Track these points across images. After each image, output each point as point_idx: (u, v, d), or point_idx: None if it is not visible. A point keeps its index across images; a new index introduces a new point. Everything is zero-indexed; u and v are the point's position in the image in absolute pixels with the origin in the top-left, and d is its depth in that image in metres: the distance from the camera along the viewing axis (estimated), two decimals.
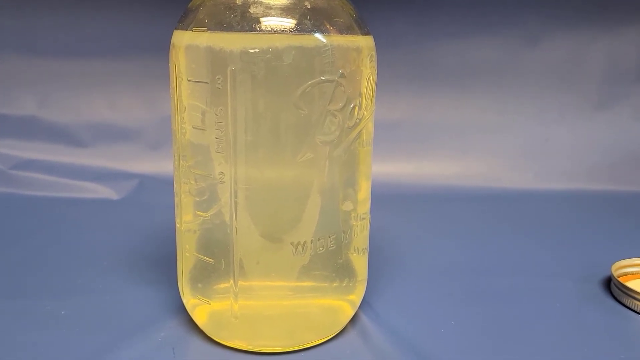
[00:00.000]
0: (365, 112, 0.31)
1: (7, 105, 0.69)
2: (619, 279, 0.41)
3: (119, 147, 0.70)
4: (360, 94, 0.31)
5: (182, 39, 0.30)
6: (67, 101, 0.70)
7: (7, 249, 0.48)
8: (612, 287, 0.42)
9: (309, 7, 0.29)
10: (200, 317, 0.34)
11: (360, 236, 0.34)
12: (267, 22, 0.28)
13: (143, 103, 0.71)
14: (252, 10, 0.28)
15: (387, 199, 0.54)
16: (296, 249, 0.31)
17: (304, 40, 0.28)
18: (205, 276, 0.32)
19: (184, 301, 0.35)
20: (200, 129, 0.30)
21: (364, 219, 0.34)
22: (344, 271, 0.33)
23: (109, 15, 0.68)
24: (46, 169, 0.67)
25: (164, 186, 0.65)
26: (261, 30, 0.28)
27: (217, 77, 0.28)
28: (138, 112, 0.71)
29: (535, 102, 0.75)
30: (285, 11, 0.28)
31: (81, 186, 0.65)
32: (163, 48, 0.34)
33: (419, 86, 0.74)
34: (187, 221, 0.32)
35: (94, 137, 0.70)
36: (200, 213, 0.31)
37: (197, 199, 0.31)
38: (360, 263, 0.35)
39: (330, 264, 0.32)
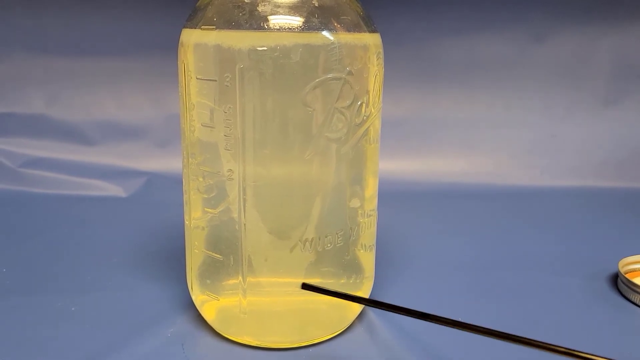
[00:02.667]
0: (372, 110, 0.32)
1: (16, 104, 0.70)
2: (626, 276, 0.41)
3: (127, 145, 0.70)
4: (368, 92, 0.31)
5: (190, 37, 0.30)
6: (76, 99, 0.70)
7: (15, 247, 0.49)
8: (618, 283, 0.42)
9: (316, 5, 0.29)
10: (209, 313, 0.34)
11: (368, 233, 0.34)
12: (275, 20, 0.28)
13: (151, 101, 0.71)
14: (260, 8, 0.28)
15: (393, 195, 0.54)
16: (304, 245, 0.31)
17: (312, 38, 0.28)
18: (214, 272, 0.32)
19: (193, 297, 0.35)
20: (209, 127, 0.30)
21: (370, 215, 0.34)
22: (351, 268, 0.33)
23: (117, 14, 0.68)
24: (55, 167, 0.67)
25: (172, 184, 0.66)
26: (269, 29, 0.28)
27: (225, 75, 0.28)
28: (146, 110, 0.71)
29: (542, 99, 0.75)
30: (293, 9, 0.29)
31: (89, 184, 0.65)
32: (171, 46, 0.34)
33: (426, 83, 0.74)
34: (196, 218, 0.33)
35: (102, 135, 0.70)
36: (209, 210, 0.31)
37: (206, 196, 0.31)
38: (367, 259, 0.35)
39: (338, 261, 0.32)
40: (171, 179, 0.67)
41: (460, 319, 0.37)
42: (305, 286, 0.29)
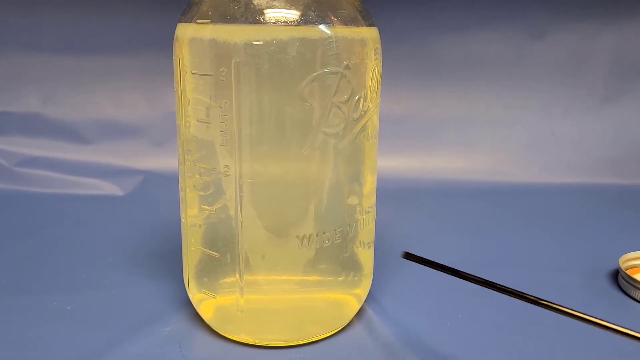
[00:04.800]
0: (370, 105, 0.31)
1: (12, 103, 0.69)
2: (626, 272, 0.41)
3: (124, 144, 0.70)
4: (365, 86, 0.31)
5: (185, 31, 0.30)
6: (72, 98, 0.70)
7: (12, 246, 0.48)
8: (619, 279, 0.42)
9: None
10: (206, 311, 0.34)
11: (366, 230, 0.34)
12: (271, 14, 0.28)
13: (147, 99, 0.71)
14: (256, 1, 0.28)
15: (392, 193, 0.54)
16: (302, 242, 0.30)
17: (308, 31, 0.28)
18: (211, 270, 0.32)
19: (190, 296, 0.35)
20: (205, 123, 0.30)
21: (369, 212, 0.34)
22: (350, 265, 0.33)
23: (112, 11, 0.68)
24: (50, 166, 0.67)
25: (168, 182, 0.65)
26: (265, 22, 0.28)
27: (221, 69, 0.28)
28: (142, 109, 0.71)
29: (540, 96, 0.75)
30: (290, 2, 0.28)
31: (85, 183, 0.65)
32: (167, 44, 0.34)
33: (424, 80, 0.74)
34: (192, 215, 0.32)
35: (98, 133, 0.70)
36: (206, 207, 0.31)
37: (202, 193, 0.31)
38: (365, 257, 0.35)
39: (336, 258, 0.32)
40: (168, 178, 0.67)
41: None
42: (408, 256, 0.29)
